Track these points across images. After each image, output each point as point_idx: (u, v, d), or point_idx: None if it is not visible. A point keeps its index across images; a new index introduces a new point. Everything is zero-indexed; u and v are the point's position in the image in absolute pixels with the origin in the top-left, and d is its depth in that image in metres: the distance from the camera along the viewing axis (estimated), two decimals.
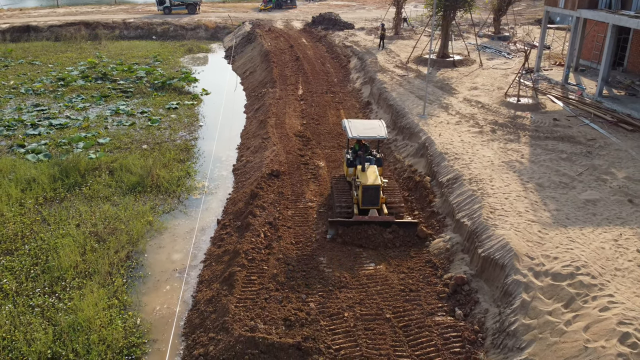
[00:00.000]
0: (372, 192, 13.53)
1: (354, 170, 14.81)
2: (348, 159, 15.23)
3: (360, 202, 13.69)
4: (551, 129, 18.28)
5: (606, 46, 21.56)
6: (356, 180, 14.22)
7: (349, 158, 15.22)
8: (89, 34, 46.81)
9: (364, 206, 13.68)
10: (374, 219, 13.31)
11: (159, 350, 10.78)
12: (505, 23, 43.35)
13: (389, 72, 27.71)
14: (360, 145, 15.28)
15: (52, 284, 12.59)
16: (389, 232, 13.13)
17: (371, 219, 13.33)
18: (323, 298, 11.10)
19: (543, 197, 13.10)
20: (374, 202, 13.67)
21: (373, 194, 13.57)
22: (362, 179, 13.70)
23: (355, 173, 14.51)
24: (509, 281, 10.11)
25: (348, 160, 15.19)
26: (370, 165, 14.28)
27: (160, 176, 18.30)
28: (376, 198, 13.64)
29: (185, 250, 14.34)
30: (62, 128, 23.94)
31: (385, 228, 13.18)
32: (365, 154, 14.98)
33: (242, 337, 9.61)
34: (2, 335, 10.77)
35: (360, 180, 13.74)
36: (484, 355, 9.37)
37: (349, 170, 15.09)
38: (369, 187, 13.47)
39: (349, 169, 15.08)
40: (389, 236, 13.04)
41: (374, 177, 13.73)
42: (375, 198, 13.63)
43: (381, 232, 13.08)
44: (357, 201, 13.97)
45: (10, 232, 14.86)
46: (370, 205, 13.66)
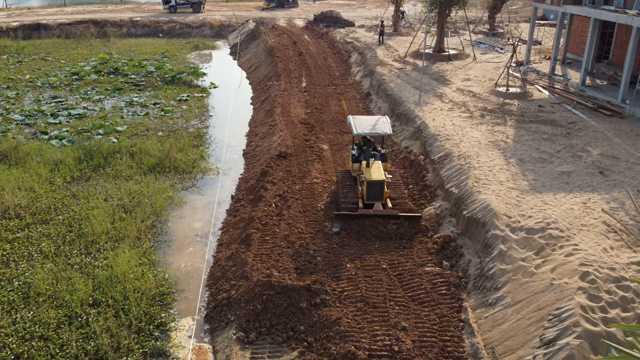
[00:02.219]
0: (376, 187, 13.82)
1: (359, 165, 15.05)
2: (353, 154, 15.37)
3: (365, 197, 13.98)
4: (536, 114, 19.93)
5: (589, 39, 23.18)
6: (361, 176, 14.54)
7: (354, 154, 15.36)
8: (98, 32, 48.40)
9: (368, 201, 13.98)
10: (378, 213, 13.73)
11: (187, 297, 12.41)
12: (500, 21, 44.98)
13: (388, 66, 29.34)
14: (365, 141, 15.58)
15: (87, 246, 14.20)
16: (392, 223, 13.61)
17: (376, 212, 13.76)
18: (328, 253, 12.73)
19: (523, 169, 14.74)
20: (378, 197, 13.94)
21: (377, 189, 13.85)
22: (366, 175, 14.00)
23: (360, 169, 14.86)
24: (489, 235, 11.74)
25: (353, 156, 15.34)
26: (374, 160, 14.60)
27: (177, 159, 19.91)
28: (380, 193, 13.91)
29: (205, 220, 15.98)
30: (81, 117, 25.54)
31: (389, 220, 13.68)
32: (370, 149, 15.26)
33: (260, 282, 11.24)
34: (46, 288, 12.37)
35: (364, 176, 14.04)
36: (466, 296, 11.00)
37: (354, 166, 15.27)
38: (373, 182, 13.75)
39: (354, 164, 15.27)
40: (392, 227, 13.50)
41: (378, 172, 14.05)
42: (379, 193, 13.90)
43: (385, 224, 13.57)
44: (361, 196, 14.31)
45: (44, 205, 16.47)
46: (375, 200, 13.96)
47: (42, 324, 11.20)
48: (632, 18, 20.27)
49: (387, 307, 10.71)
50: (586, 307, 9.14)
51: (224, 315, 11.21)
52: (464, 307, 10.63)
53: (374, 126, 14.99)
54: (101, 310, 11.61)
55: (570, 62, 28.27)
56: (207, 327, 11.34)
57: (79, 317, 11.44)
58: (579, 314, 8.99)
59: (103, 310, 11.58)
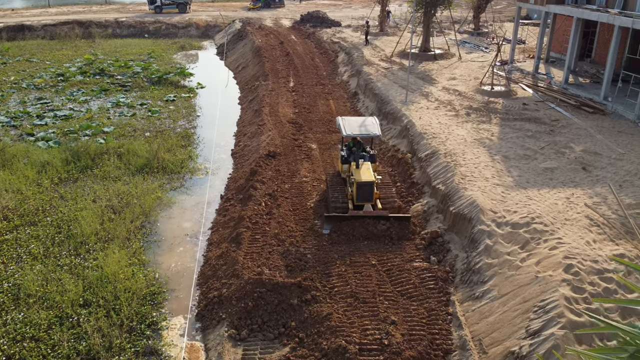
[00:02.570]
0: (366, 189, 13.80)
1: (348, 167, 15.00)
2: (342, 156, 15.30)
3: (355, 198, 13.97)
4: (520, 112, 20.26)
5: (571, 38, 23.61)
6: (350, 177, 14.53)
7: (343, 155, 15.30)
8: (83, 33, 48.01)
9: (358, 202, 13.96)
10: (368, 214, 13.66)
11: (178, 297, 12.47)
12: (485, 20, 45.49)
13: (375, 65, 29.56)
14: (354, 142, 15.50)
15: (77, 247, 14.17)
16: (382, 224, 13.54)
17: (366, 213, 13.68)
18: (318, 251, 12.87)
19: (508, 166, 15.01)
20: (368, 198, 13.92)
21: (367, 190, 13.83)
22: (356, 176, 13.96)
23: (350, 170, 14.79)
24: (475, 230, 11.97)
25: (342, 157, 15.27)
26: (364, 162, 14.53)
27: (165, 159, 19.91)
28: (370, 194, 13.90)
29: (194, 220, 16.03)
30: (67, 119, 25.39)
31: (379, 220, 13.59)
32: (359, 150, 15.19)
33: (251, 279, 11.35)
34: (36, 289, 12.36)
35: (354, 177, 14.01)
36: (454, 290, 11.21)
37: (344, 167, 15.24)
38: (363, 183, 13.73)
39: (343, 165, 15.25)
40: (382, 227, 13.44)
41: (367, 173, 14.03)
42: (369, 194, 13.88)
43: (375, 225, 13.50)
44: (351, 197, 14.25)
45: (32, 207, 16.40)
46: (365, 201, 13.94)
47: (33, 325, 11.20)
48: (613, 17, 20.69)
49: (376, 302, 10.89)
50: (570, 299, 9.38)
51: (215, 313, 11.31)
52: (452, 301, 10.84)
53: (363, 127, 14.97)
54: (92, 310, 11.63)
55: (554, 60, 28.73)
56: (198, 326, 11.43)
57: (69, 317, 11.45)
58: (563, 305, 9.23)
59: (94, 311, 11.61)
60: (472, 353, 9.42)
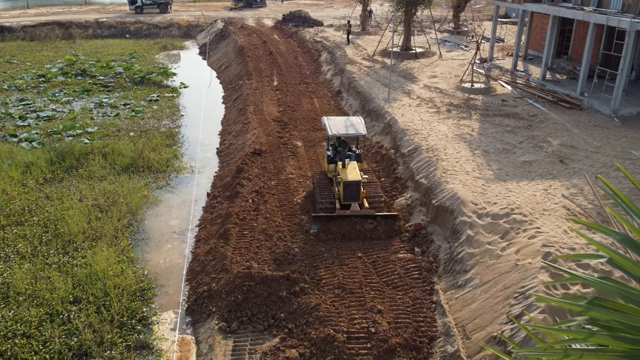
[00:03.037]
0: (353, 188, 13.88)
1: (334, 166, 15.09)
2: (328, 155, 15.35)
3: (342, 197, 14.04)
4: (499, 108, 20.78)
5: (548, 36, 24.23)
6: (337, 177, 14.58)
7: (329, 155, 15.35)
8: (63, 34, 47.56)
9: (345, 201, 14.06)
10: (355, 213, 13.73)
11: (167, 292, 12.63)
12: (465, 19, 46.20)
13: (357, 64, 29.92)
14: (340, 141, 15.57)
15: (64, 246, 14.23)
16: (369, 223, 13.57)
17: (353, 212, 13.75)
18: (306, 245, 13.14)
19: (488, 160, 15.46)
20: (355, 197, 14.01)
21: (354, 190, 13.91)
22: (342, 176, 14.03)
23: (336, 170, 14.87)
24: (457, 222, 12.35)
25: (328, 157, 15.32)
26: (350, 161, 14.62)
27: (150, 158, 19.98)
28: (357, 193, 13.97)
29: (181, 217, 16.17)
30: (50, 119, 25.25)
31: (366, 219, 13.64)
32: (345, 150, 15.26)
33: (240, 273, 11.57)
34: (25, 287, 12.41)
35: (341, 177, 14.08)
36: (437, 279, 11.58)
37: (330, 167, 15.28)
38: (349, 182, 13.80)
39: (329, 165, 15.28)
40: (370, 226, 13.49)
41: (354, 173, 14.07)
42: (356, 193, 13.96)
43: (362, 224, 13.55)
44: (338, 197, 14.35)
45: (18, 207, 16.37)
46: (352, 200, 14.04)
47: (24, 322, 11.26)
48: (589, 14, 21.32)
49: (363, 293, 11.20)
50: (549, 285, 9.79)
51: (205, 307, 11.50)
52: (436, 290, 11.20)
53: (348, 127, 15.02)
54: (82, 307, 11.74)
55: (532, 58, 29.41)
56: (189, 320, 11.61)
57: (60, 314, 11.54)
58: (542, 291, 9.63)
59: (84, 307, 11.71)
60: (456, 339, 9.78)
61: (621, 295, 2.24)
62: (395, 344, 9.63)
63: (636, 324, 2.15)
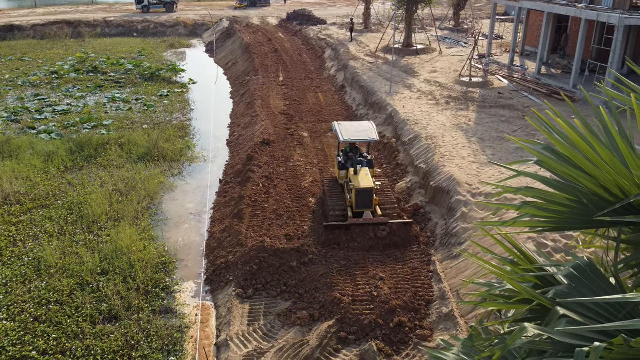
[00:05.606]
0: (365, 195, 13.51)
1: (345, 173, 14.78)
2: (339, 161, 15.04)
3: (354, 205, 13.67)
4: (496, 100, 21.85)
5: (543, 32, 25.29)
6: (349, 184, 14.24)
7: (340, 161, 15.06)
8: (72, 32, 48.79)
9: (357, 209, 13.66)
10: (368, 221, 13.34)
11: (187, 265, 13.76)
12: (465, 17, 47.25)
13: (360, 60, 31.02)
14: (351, 147, 15.26)
15: (89, 226, 15.37)
16: (382, 230, 13.29)
17: (366, 221, 13.37)
18: (313, 223, 14.24)
19: (483, 147, 16.54)
20: (367, 205, 13.62)
21: (366, 197, 13.53)
22: (354, 182, 13.69)
23: (348, 176, 14.53)
24: (453, 200, 13.45)
25: (339, 162, 15.00)
26: (362, 167, 14.34)
27: (164, 148, 21.12)
28: (370, 201, 13.60)
29: (197, 201, 17.30)
30: (65, 113, 26.41)
31: (379, 226, 13.33)
32: (356, 156, 14.94)
33: (255, 246, 12.69)
34: (56, 262, 13.54)
35: (353, 184, 13.71)
36: (434, 252, 12.67)
37: (341, 173, 14.99)
38: (362, 190, 13.44)
39: (340, 171, 14.98)
40: (383, 233, 13.19)
41: (366, 179, 13.77)
42: (368, 201, 13.58)
43: (375, 231, 13.24)
44: (350, 204, 13.98)
45: (42, 192, 17.52)
46: (364, 207, 13.64)
47: (56, 291, 12.39)
48: (581, 11, 22.36)
49: (366, 264, 12.29)
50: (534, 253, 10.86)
51: (223, 277, 12.62)
52: (433, 261, 12.30)
53: (360, 132, 14.61)
54: (110, 277, 12.86)
55: (528, 54, 30.46)
56: (208, 289, 12.72)
57: (89, 284, 12.67)
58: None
59: (112, 278, 12.84)
60: (451, 301, 10.87)
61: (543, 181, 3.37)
62: (396, 306, 10.73)
63: (551, 199, 3.27)
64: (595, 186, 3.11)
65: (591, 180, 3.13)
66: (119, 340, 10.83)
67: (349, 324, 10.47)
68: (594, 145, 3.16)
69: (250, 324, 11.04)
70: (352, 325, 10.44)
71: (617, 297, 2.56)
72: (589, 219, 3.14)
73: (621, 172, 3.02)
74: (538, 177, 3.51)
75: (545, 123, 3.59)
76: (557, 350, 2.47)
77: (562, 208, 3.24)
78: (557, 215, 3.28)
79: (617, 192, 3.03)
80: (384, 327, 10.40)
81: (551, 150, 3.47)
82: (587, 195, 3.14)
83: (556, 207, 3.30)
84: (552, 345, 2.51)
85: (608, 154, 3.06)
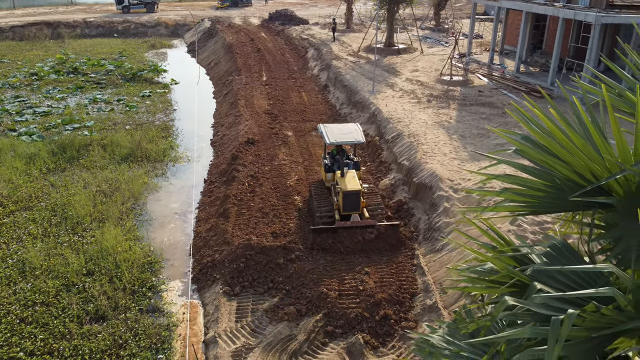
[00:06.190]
0: (352, 198, 13.44)
1: (332, 175, 14.65)
2: (326, 164, 14.90)
3: (342, 208, 13.59)
4: (476, 98, 22.24)
5: (521, 31, 25.79)
6: (336, 186, 14.12)
7: (326, 163, 14.91)
8: (52, 33, 48.16)
9: (345, 212, 13.59)
10: (356, 224, 13.30)
11: (173, 265, 13.78)
12: (446, 17, 47.82)
13: (343, 60, 31.24)
14: (337, 149, 15.11)
15: (73, 227, 15.28)
16: (369, 232, 13.28)
17: (353, 224, 13.31)
18: (299, 221, 14.37)
19: (464, 143, 16.86)
20: (355, 207, 13.56)
21: (354, 200, 13.47)
22: (341, 185, 13.61)
23: (334, 179, 14.45)
24: (435, 196, 13.71)
25: (326, 165, 14.87)
26: (348, 170, 14.26)
27: (147, 149, 21.04)
28: (357, 203, 13.53)
29: (181, 201, 17.30)
30: (46, 115, 26.13)
31: (366, 229, 13.31)
32: (342, 158, 14.74)
33: (241, 244, 12.78)
34: (41, 263, 13.46)
35: (340, 186, 13.64)
36: (418, 246, 12.90)
37: (328, 176, 14.87)
38: (349, 192, 13.37)
39: (327, 174, 14.87)
40: (370, 236, 13.18)
41: (353, 182, 13.71)
42: (356, 203, 13.52)
43: (362, 234, 13.24)
44: (337, 207, 13.85)
45: (25, 194, 17.35)
46: (352, 210, 13.57)
47: (42, 293, 12.31)
48: (558, 10, 22.88)
49: (352, 259, 12.47)
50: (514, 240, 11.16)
51: (210, 275, 12.68)
52: (416, 255, 12.53)
53: (346, 134, 14.51)
54: (96, 278, 12.83)
55: (508, 52, 31.00)
56: (194, 287, 12.77)
57: (75, 285, 12.61)
58: None
59: (98, 278, 12.80)
60: (434, 293, 11.10)
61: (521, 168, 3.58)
62: (381, 299, 10.93)
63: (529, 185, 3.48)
64: (570, 172, 3.32)
65: (566, 166, 3.34)
66: (107, 339, 10.83)
67: (336, 318, 10.65)
68: (569, 133, 3.36)
69: (237, 321, 11.14)
70: (339, 319, 10.61)
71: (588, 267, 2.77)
72: (564, 202, 3.34)
73: (593, 158, 3.22)
74: (517, 164, 3.70)
75: (524, 115, 3.79)
76: (535, 320, 2.66)
77: (539, 193, 3.45)
78: (535, 200, 3.48)
79: (589, 177, 3.23)
80: (370, 319, 10.59)
81: (529, 140, 3.68)
82: (562, 180, 3.34)
83: (534, 192, 3.50)
84: (531, 316, 2.69)
85: (581, 142, 3.27)
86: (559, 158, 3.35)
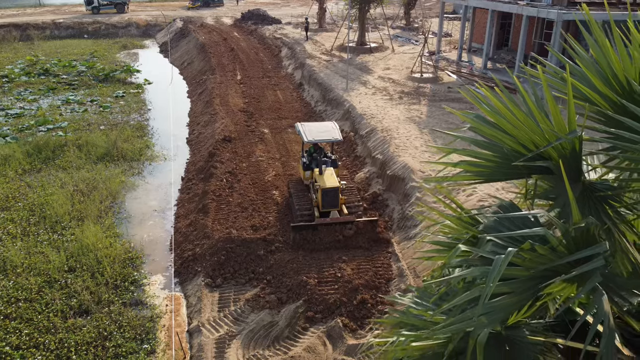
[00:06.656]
0: (331, 195, 13.70)
1: (310, 173, 14.93)
2: (304, 162, 15.16)
3: (320, 205, 13.81)
4: (445, 94, 23.01)
5: (487, 28, 26.70)
6: (315, 184, 14.34)
7: (304, 161, 15.15)
8: (21, 35, 47.38)
9: (324, 209, 13.81)
10: (335, 220, 13.54)
11: (154, 260, 14.04)
12: (415, 16, 48.79)
13: (317, 58, 31.73)
14: (314, 147, 15.30)
15: (52, 226, 15.38)
16: (349, 228, 13.49)
17: (333, 220, 13.57)
18: (278, 214, 14.79)
19: (434, 137, 17.53)
20: (333, 204, 13.81)
21: (333, 196, 13.73)
22: (320, 182, 13.86)
23: (313, 176, 14.73)
24: (408, 187, 14.30)
25: (304, 163, 15.10)
26: (326, 167, 14.56)
27: (124, 148, 21.15)
28: (336, 200, 13.79)
29: (159, 199, 17.52)
30: (19, 116, 25.90)
31: (345, 225, 13.53)
32: (320, 156, 14.95)
33: (222, 238, 13.14)
34: (21, 261, 13.55)
35: (319, 184, 13.87)
36: (392, 234, 13.47)
37: (306, 174, 15.09)
38: (328, 189, 13.64)
39: (305, 172, 15.10)
40: (349, 232, 13.43)
41: (332, 179, 13.98)
42: (334, 200, 13.78)
43: (342, 230, 13.44)
44: (317, 204, 14.04)
45: (1, 195, 17.32)
46: (331, 207, 13.81)
47: (24, 289, 12.45)
48: (522, 7, 23.81)
49: (330, 250, 12.95)
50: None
51: (191, 268, 13.00)
52: (391, 243, 13.09)
53: (324, 132, 14.75)
54: (78, 274, 13.01)
55: (475, 50, 31.97)
56: (176, 280, 13.07)
57: (57, 281, 12.78)
58: None
59: (80, 274, 12.99)
60: (408, 278, 11.67)
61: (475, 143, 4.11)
62: (358, 285, 11.44)
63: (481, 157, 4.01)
64: (515, 143, 3.85)
65: (512, 139, 3.87)
66: (92, 332, 11.07)
67: (316, 304, 11.11)
68: (513, 110, 3.90)
69: (220, 310, 11.50)
70: (319, 305, 11.09)
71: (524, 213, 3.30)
72: (511, 170, 3.88)
73: (534, 130, 3.76)
74: (470, 139, 4.23)
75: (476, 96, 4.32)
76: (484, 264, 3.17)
77: (489, 163, 3.98)
78: (487, 169, 4.02)
79: (531, 147, 3.77)
80: (348, 304, 11.09)
81: (481, 118, 4.20)
82: (510, 151, 3.88)
83: (485, 162, 4.04)
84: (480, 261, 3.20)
85: (523, 116, 3.81)
86: (506, 132, 3.88)
